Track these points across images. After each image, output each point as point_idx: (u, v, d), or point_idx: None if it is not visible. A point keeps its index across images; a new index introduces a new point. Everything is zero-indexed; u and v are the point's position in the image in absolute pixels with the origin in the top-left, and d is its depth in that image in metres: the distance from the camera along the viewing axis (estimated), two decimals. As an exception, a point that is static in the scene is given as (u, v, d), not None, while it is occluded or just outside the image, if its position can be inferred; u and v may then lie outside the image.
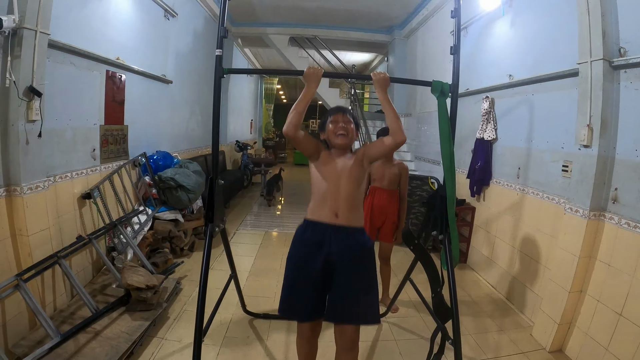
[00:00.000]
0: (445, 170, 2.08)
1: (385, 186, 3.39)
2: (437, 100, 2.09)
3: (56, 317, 2.84)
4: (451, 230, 2.12)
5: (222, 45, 2.18)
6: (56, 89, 3.02)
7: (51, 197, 2.95)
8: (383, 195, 3.40)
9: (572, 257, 2.76)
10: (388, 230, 3.44)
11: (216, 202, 2.22)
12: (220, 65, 2.17)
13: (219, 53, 2.16)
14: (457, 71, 2.20)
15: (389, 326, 3.20)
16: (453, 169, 2.08)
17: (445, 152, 2.06)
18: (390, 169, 3.38)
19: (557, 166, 3.17)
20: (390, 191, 3.40)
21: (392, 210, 3.41)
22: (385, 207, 3.39)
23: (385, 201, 3.39)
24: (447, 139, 2.05)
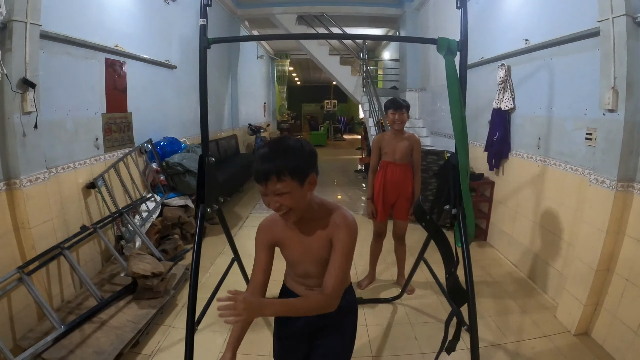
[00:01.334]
0: (456, 136, 1.90)
1: (397, 160, 3.20)
2: (445, 59, 1.90)
3: (63, 308, 2.84)
4: (465, 203, 1.94)
5: (205, 14, 2.05)
6: (53, 80, 2.98)
7: (53, 189, 2.92)
8: (395, 170, 3.21)
9: (599, 232, 2.56)
10: (402, 207, 3.27)
11: (208, 180, 2.11)
12: (205, 35, 2.04)
13: (202, 22, 2.04)
14: (465, 27, 2.00)
15: (404, 309, 3.08)
16: (465, 134, 1.90)
17: (455, 116, 1.88)
18: (402, 142, 3.20)
19: (580, 134, 2.95)
20: (403, 165, 3.21)
21: (406, 186, 3.23)
22: (399, 182, 3.22)
23: (398, 176, 3.21)
24: (457, 101, 1.87)
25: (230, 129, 8.41)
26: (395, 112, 3.12)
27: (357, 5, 8.15)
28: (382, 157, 3.30)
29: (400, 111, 3.12)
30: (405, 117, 3.15)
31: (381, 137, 3.30)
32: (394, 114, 3.13)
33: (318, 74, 18.84)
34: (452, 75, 1.86)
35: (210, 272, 3.65)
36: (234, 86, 8.57)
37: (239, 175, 6.68)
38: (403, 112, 3.13)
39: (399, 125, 3.14)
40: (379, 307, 3.12)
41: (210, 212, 2.15)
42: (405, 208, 3.27)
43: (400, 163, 3.21)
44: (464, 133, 1.87)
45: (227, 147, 7.46)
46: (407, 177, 3.23)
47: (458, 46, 1.95)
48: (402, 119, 3.13)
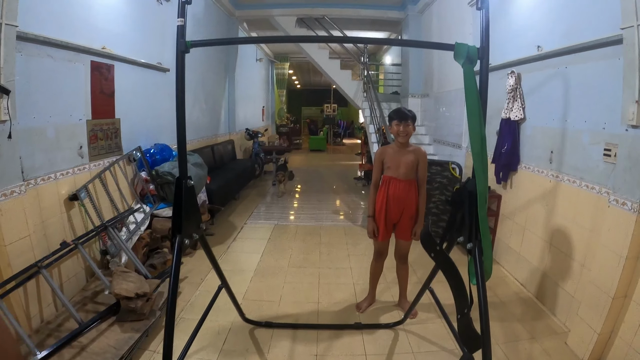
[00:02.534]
0: (474, 158, 1.68)
1: (401, 175, 2.95)
2: (463, 68, 1.68)
3: (43, 329, 2.65)
4: (482, 236, 1.72)
5: (184, 13, 1.82)
6: (33, 85, 2.78)
7: (31, 202, 2.73)
8: (399, 186, 2.96)
9: (618, 257, 2.36)
10: (405, 226, 3.03)
11: (185, 207, 1.87)
12: (183, 37, 1.80)
13: (180, 22, 1.80)
14: (485, 31, 1.74)
15: (406, 336, 2.86)
16: (485, 156, 1.68)
17: (474, 134, 1.66)
18: (406, 155, 2.95)
19: (597, 150, 2.74)
20: (407, 181, 2.96)
21: (410, 203, 2.98)
22: (402, 199, 2.96)
23: (401, 192, 2.95)
24: (477, 117, 1.64)
25: (227, 134, 8.21)
26: (400, 124, 2.91)
27: (358, 8, 7.97)
28: (384, 171, 3.06)
29: (405, 122, 2.91)
30: (411, 129, 2.93)
31: (384, 151, 3.07)
32: (398, 125, 2.92)
33: (318, 77, 18.69)
34: (472, 87, 1.64)
35: (200, 289, 3.44)
36: (231, 89, 8.37)
37: (235, 181, 6.49)
38: (409, 123, 2.92)
39: (403, 137, 2.94)
40: (378, 333, 2.90)
41: (188, 244, 1.91)
42: (408, 227, 3.03)
43: (404, 179, 2.96)
44: (483, 154, 1.66)
45: (223, 152, 7.27)
46: (411, 194, 2.99)
47: (479, 53, 1.72)
48: (408, 131, 2.92)
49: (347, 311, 3.20)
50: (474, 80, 1.65)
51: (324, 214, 6.08)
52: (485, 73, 1.78)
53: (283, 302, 3.27)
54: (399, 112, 2.95)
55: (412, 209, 3.00)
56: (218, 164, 6.81)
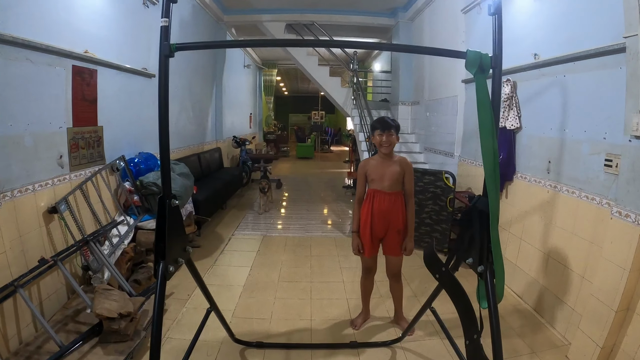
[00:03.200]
0: (487, 174, 1.58)
1: (385, 188, 2.81)
2: (475, 78, 1.57)
3: (22, 352, 2.49)
4: (495, 259, 1.61)
5: (169, 13, 1.66)
6: (9, 90, 2.63)
7: (7, 216, 2.57)
8: (384, 199, 2.82)
9: (620, 270, 2.30)
10: (393, 241, 2.87)
11: (170, 230, 1.69)
12: (167, 40, 1.64)
13: (164, 23, 1.64)
14: (498, 39, 1.65)
15: (404, 353, 2.75)
16: (497, 173, 1.58)
17: (487, 148, 1.57)
18: (391, 167, 2.82)
19: (598, 160, 2.68)
20: (393, 194, 2.82)
21: (396, 217, 2.83)
22: (388, 212, 2.82)
23: (386, 206, 2.81)
24: (490, 131, 1.55)
25: (214, 142, 8.06)
26: (383, 133, 2.78)
27: (348, 14, 7.93)
28: (368, 184, 2.92)
29: (388, 132, 2.78)
30: (395, 138, 2.80)
31: (367, 163, 2.94)
32: (381, 135, 2.79)
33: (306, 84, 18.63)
34: (484, 98, 1.54)
35: (187, 306, 3.28)
36: (218, 96, 8.22)
37: (223, 191, 6.34)
38: (392, 133, 2.79)
39: (387, 148, 2.80)
40: (375, 351, 2.78)
41: (172, 272, 1.74)
42: (396, 242, 2.87)
43: (389, 192, 2.82)
44: (496, 170, 1.55)
45: (210, 161, 7.12)
46: (397, 207, 2.84)
47: (492, 62, 1.62)
48: (391, 141, 2.79)
49: (342, 328, 3.07)
50: (486, 91, 1.55)
51: (314, 224, 5.95)
52: (498, 83, 1.68)
53: (274, 320, 3.13)
54: (382, 121, 2.83)
55: (398, 223, 2.85)
56: (205, 172, 6.66)
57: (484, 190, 1.65)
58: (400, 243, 2.87)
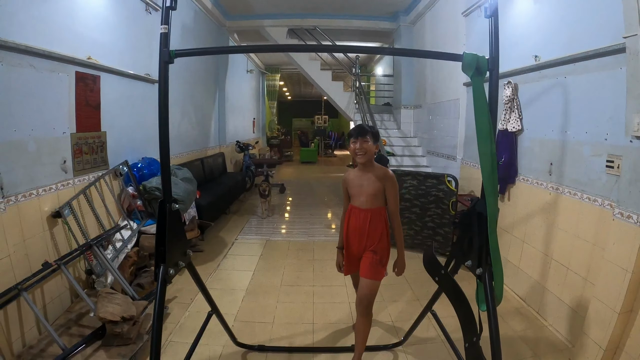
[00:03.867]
0: (484, 177, 1.58)
1: (362, 204, 2.51)
2: (472, 81, 1.58)
3: (25, 354, 2.51)
4: (493, 261, 1.62)
5: (168, 20, 1.69)
6: (13, 96, 2.66)
7: (11, 220, 2.61)
8: (359, 217, 2.51)
9: (623, 272, 2.29)
10: (366, 262, 2.49)
11: (170, 234, 1.71)
12: (166, 46, 1.68)
13: (163, 30, 1.68)
14: (495, 40, 1.67)
15: (405, 357, 2.75)
16: (495, 175, 1.59)
17: (484, 152, 1.57)
18: (368, 180, 2.50)
19: (599, 161, 2.68)
20: (369, 210, 2.49)
21: (373, 235, 2.50)
22: (361, 230, 2.51)
23: (361, 223, 2.50)
24: (487, 134, 1.55)
25: (217, 147, 8.09)
26: (357, 140, 2.44)
27: (350, 19, 7.97)
28: (350, 199, 2.65)
29: (362, 138, 2.42)
30: (371, 146, 2.45)
31: (347, 176, 2.68)
32: (354, 142, 2.45)
33: (309, 88, 18.69)
34: (482, 101, 1.54)
35: (190, 310, 3.29)
36: (221, 101, 8.27)
37: (226, 195, 6.36)
38: (367, 139, 2.43)
39: (362, 157, 2.44)
40: (377, 355, 2.79)
41: (172, 275, 1.77)
42: (368, 263, 2.48)
43: (365, 208, 2.50)
44: (493, 173, 1.55)
45: (213, 165, 7.14)
46: (374, 225, 2.51)
47: (489, 64, 1.63)
48: (366, 149, 2.43)
49: (344, 332, 3.07)
50: (484, 94, 1.56)
51: (317, 229, 5.95)
52: (496, 86, 1.70)
53: (276, 324, 3.13)
54: (357, 127, 2.52)
55: (374, 242, 2.51)
56: (208, 177, 6.68)
57: (482, 193, 1.65)
58: (374, 264, 2.47)
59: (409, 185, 4.70)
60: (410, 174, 4.77)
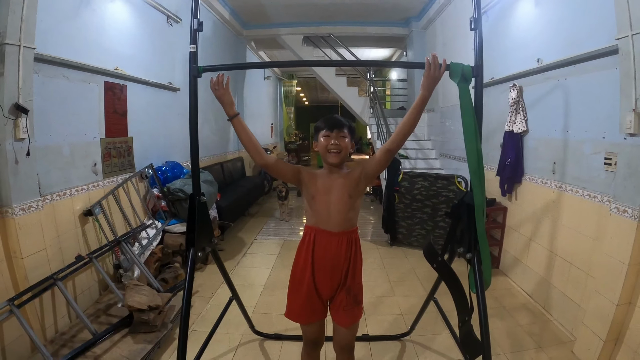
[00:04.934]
0: (471, 172, 1.74)
1: (332, 226, 1.89)
2: (459, 87, 1.75)
3: (57, 340, 2.73)
4: (481, 247, 1.77)
5: (196, 40, 1.93)
6: (49, 105, 2.91)
7: (47, 217, 2.83)
8: (330, 243, 1.89)
9: (620, 264, 2.39)
10: (341, 304, 1.92)
11: (198, 222, 1.96)
12: (195, 63, 1.92)
13: (192, 49, 1.91)
14: (479, 50, 1.84)
15: (412, 346, 2.89)
16: (481, 170, 1.74)
17: (471, 150, 1.72)
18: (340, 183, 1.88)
19: (598, 159, 2.79)
20: (345, 234, 1.90)
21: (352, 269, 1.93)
22: (335, 261, 1.90)
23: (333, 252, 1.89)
24: (473, 133, 1.70)
25: (237, 151, 8.33)
26: (330, 134, 1.87)
27: (363, 25, 8.11)
28: (309, 206, 1.96)
29: (339, 132, 1.86)
30: (348, 143, 1.89)
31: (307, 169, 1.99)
32: (327, 136, 1.87)
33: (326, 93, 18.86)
34: (467, 104, 1.71)
35: (211, 303, 3.49)
36: (240, 107, 8.49)
37: (245, 198, 6.58)
38: (344, 133, 1.87)
39: (335, 156, 1.85)
40: (386, 344, 2.93)
41: (201, 257, 2.00)
42: (343, 309, 1.91)
43: (338, 231, 1.88)
44: (480, 169, 1.72)
45: (232, 169, 7.38)
46: (350, 254, 1.92)
47: (473, 72, 1.80)
48: (342, 146, 1.86)
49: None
50: (469, 98, 1.72)
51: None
52: (480, 90, 1.86)
53: (292, 315, 3.30)
54: (331, 118, 1.91)
55: (354, 277, 1.94)
56: (228, 181, 6.91)
57: (470, 186, 1.81)
58: (352, 308, 1.92)
59: (420, 186, 4.82)
60: (422, 175, 4.90)
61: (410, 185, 4.87)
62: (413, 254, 4.87)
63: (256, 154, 1.88)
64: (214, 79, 1.84)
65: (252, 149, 1.88)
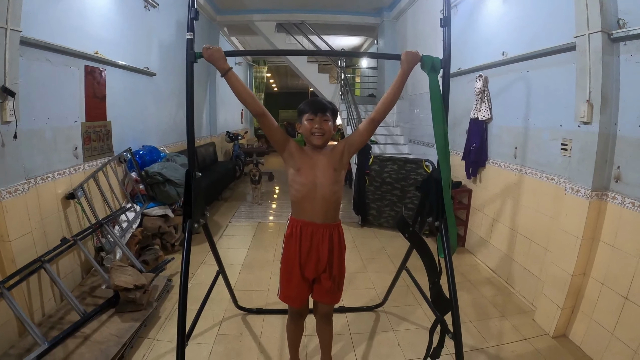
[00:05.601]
0: (439, 151, 1.96)
1: (317, 217, 2.04)
2: (429, 76, 1.96)
3: (45, 322, 2.76)
4: (448, 216, 2.00)
5: (192, 27, 2.01)
6: (32, 88, 2.90)
7: (32, 200, 2.84)
8: (316, 233, 2.06)
9: (574, 239, 2.66)
10: (324, 287, 2.12)
11: (194, 196, 2.10)
12: (192, 49, 2.01)
13: (189, 36, 2.00)
14: (448, 45, 2.05)
15: (386, 316, 3.12)
16: (447, 150, 1.97)
17: (438, 132, 1.94)
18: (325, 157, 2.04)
19: (556, 145, 3.06)
20: (328, 227, 2.07)
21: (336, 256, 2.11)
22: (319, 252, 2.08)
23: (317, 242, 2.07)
24: (441, 117, 1.93)
25: (209, 137, 8.35)
26: (315, 117, 1.99)
27: (336, 14, 8.22)
28: (294, 179, 2.05)
29: (323, 116, 1.99)
30: (331, 126, 2.02)
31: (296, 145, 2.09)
32: (311, 120, 2.00)
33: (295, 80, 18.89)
34: (436, 92, 1.93)
35: (192, 282, 3.61)
36: (212, 93, 8.52)
37: (218, 183, 6.64)
38: (327, 117, 2.01)
39: (319, 138, 1.99)
40: (362, 315, 3.14)
41: (197, 227, 2.14)
42: (326, 292, 2.13)
43: (320, 222, 2.05)
44: (446, 148, 1.95)
45: (205, 154, 7.41)
46: (333, 244, 2.09)
47: (442, 64, 2.01)
48: (325, 129, 2.00)
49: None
50: (437, 87, 1.95)
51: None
52: (447, 80, 2.07)
53: (271, 291, 3.46)
54: (314, 102, 2.04)
55: (339, 267, 2.14)
56: (201, 165, 6.94)
57: (437, 163, 2.04)
58: (334, 292, 2.15)
59: (389, 169, 5.05)
60: (391, 159, 5.12)
61: (380, 168, 5.09)
62: (383, 234, 5.11)
63: (254, 102, 1.98)
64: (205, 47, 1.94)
65: (249, 98, 1.98)
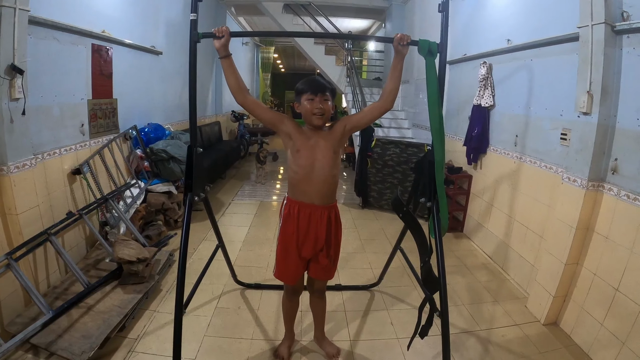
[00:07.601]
0: (433, 133, 2.00)
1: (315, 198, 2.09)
2: (425, 60, 1.99)
3: (50, 293, 2.85)
4: (439, 197, 2.05)
5: (196, 9, 2.06)
6: (40, 66, 2.95)
7: (40, 175, 2.92)
8: (314, 214, 2.10)
9: (569, 228, 2.70)
10: (319, 267, 2.20)
11: (195, 170, 2.16)
12: (195, 29, 2.06)
13: (193, 17, 2.05)
14: (445, 29, 2.07)
15: (380, 295, 3.21)
16: (442, 132, 2.00)
17: (433, 114, 1.97)
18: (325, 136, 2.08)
19: (555, 134, 3.07)
20: (326, 208, 2.13)
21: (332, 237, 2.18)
22: (317, 232, 2.12)
23: (316, 223, 2.11)
24: (436, 101, 1.96)
25: (214, 116, 8.39)
26: (315, 97, 2.00)
27: (344, -4, 8.15)
28: (293, 159, 2.11)
29: (323, 96, 2.00)
30: (330, 106, 2.04)
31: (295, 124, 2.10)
32: (311, 100, 2.00)
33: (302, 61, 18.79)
34: (432, 75, 1.96)
35: (193, 258, 3.70)
36: (218, 73, 8.51)
37: (222, 161, 6.70)
38: (327, 96, 2.02)
39: (319, 119, 2.01)
40: (357, 293, 3.23)
41: (197, 200, 2.21)
42: (323, 269, 2.21)
43: (320, 204, 2.09)
44: (441, 130, 1.98)
45: (210, 133, 7.46)
46: (331, 225, 2.15)
47: (438, 48, 2.03)
48: (325, 109, 2.01)
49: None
50: (434, 70, 1.98)
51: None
52: (444, 64, 2.11)
53: (270, 268, 3.48)
54: (314, 81, 2.05)
55: (336, 246, 2.23)
56: (205, 144, 7.00)
57: (432, 144, 2.06)
58: (330, 269, 2.24)
59: (392, 152, 5.10)
60: (393, 142, 5.16)
61: (383, 151, 5.13)
62: (383, 216, 5.18)
63: (238, 92, 2.04)
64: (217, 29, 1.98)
65: (235, 87, 2.04)
